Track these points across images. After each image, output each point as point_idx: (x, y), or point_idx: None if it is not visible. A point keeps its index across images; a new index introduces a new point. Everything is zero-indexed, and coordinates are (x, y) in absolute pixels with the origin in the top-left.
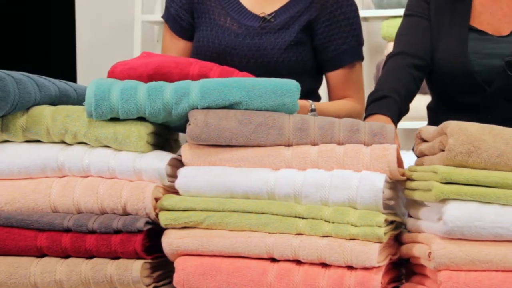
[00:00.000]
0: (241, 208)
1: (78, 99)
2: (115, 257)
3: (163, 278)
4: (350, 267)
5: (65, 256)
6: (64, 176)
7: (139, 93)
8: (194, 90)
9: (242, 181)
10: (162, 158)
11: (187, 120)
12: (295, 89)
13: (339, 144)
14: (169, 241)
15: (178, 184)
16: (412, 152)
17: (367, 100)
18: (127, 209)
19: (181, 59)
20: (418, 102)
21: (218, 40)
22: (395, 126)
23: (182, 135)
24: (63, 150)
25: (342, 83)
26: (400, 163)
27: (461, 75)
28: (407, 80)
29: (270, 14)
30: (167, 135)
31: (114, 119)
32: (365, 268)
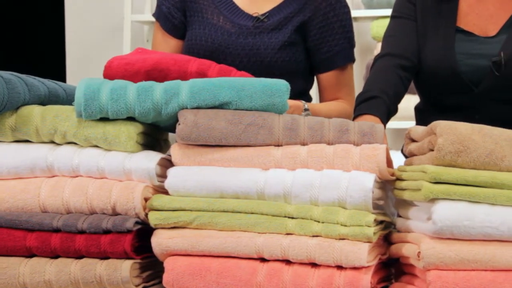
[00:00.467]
0: (231, 208)
1: (67, 99)
2: (104, 257)
3: (152, 278)
4: (339, 267)
5: (54, 256)
6: (53, 176)
7: (129, 93)
8: (183, 90)
9: (232, 181)
10: (152, 158)
11: (176, 120)
12: (285, 89)
13: (328, 144)
14: (159, 241)
15: (167, 184)
16: (401, 153)
17: (356, 101)
18: (117, 209)
19: (179, 56)
20: (407, 102)
21: (211, 39)
22: (384, 126)
23: (172, 135)
24: (52, 150)
25: (334, 84)
26: (389, 163)
27: (448, 76)
28: (395, 81)
29: (263, 14)
30: (157, 135)
31: (104, 119)
32: (355, 268)
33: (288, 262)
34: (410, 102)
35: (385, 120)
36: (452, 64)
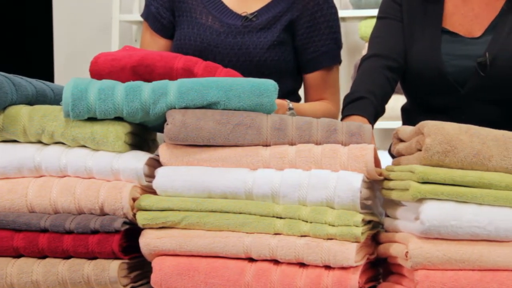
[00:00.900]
0: (219, 208)
1: (55, 98)
2: (92, 257)
3: (140, 278)
4: (327, 267)
5: (42, 256)
6: (41, 176)
7: (117, 93)
8: (171, 90)
9: (220, 181)
10: (140, 158)
11: (165, 120)
12: (273, 89)
13: (316, 144)
14: (147, 241)
15: (155, 184)
16: (388, 153)
17: (343, 102)
18: (105, 209)
19: (166, 52)
20: (394, 102)
21: (200, 38)
22: (372, 126)
23: (160, 135)
24: (40, 150)
25: (319, 85)
26: (377, 163)
27: (435, 77)
28: (382, 81)
29: (252, 14)
30: (145, 135)
31: (92, 119)
32: (343, 268)
33: (276, 262)
34: (398, 102)
35: (372, 120)
36: (438, 65)
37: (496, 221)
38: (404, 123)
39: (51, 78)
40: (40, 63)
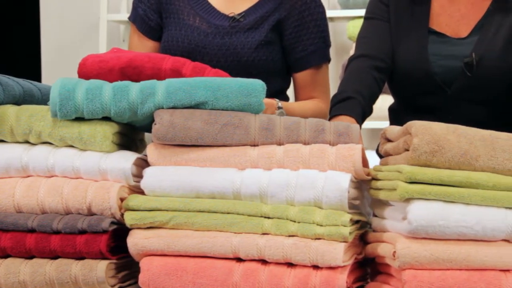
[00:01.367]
0: (207, 208)
1: (42, 98)
2: (80, 257)
3: (128, 278)
4: (315, 267)
5: (29, 256)
6: (28, 176)
7: (104, 93)
8: (159, 90)
9: (208, 181)
10: (128, 158)
11: (152, 120)
12: (261, 89)
13: (304, 144)
14: (135, 241)
15: (143, 184)
16: (376, 153)
17: (331, 102)
18: (92, 209)
19: (154, 54)
20: (382, 102)
21: (187, 40)
22: (359, 126)
23: (148, 134)
24: (27, 150)
25: (309, 84)
26: (365, 162)
27: (422, 77)
28: (369, 81)
29: (239, 14)
30: (133, 135)
31: (79, 119)
32: (331, 268)
33: (264, 262)
34: (385, 102)
35: (360, 120)
36: (425, 65)
37: (483, 221)
38: (392, 123)
39: (38, 78)
40: (28, 62)
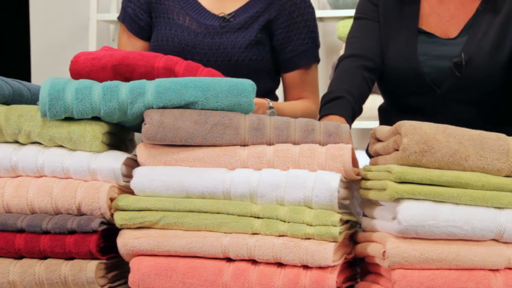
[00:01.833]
0: (197, 208)
1: (32, 98)
2: (69, 257)
3: (118, 278)
4: (305, 267)
5: (19, 257)
6: (17, 176)
7: (94, 93)
8: (149, 90)
9: (198, 181)
10: (117, 158)
11: (142, 120)
12: (251, 88)
13: (294, 143)
14: (124, 241)
15: (133, 184)
16: (366, 152)
17: (321, 102)
18: (82, 209)
19: (146, 52)
20: (372, 102)
21: (177, 39)
22: (349, 126)
23: (138, 134)
24: (16, 150)
25: (298, 84)
26: (355, 162)
27: (411, 77)
28: (359, 81)
29: (229, 14)
30: (123, 134)
31: (69, 119)
32: (320, 268)
33: (254, 262)
34: (375, 102)
35: (350, 120)
36: (414, 65)
37: (472, 220)
38: (381, 123)
39: (28, 78)
40: (17, 62)
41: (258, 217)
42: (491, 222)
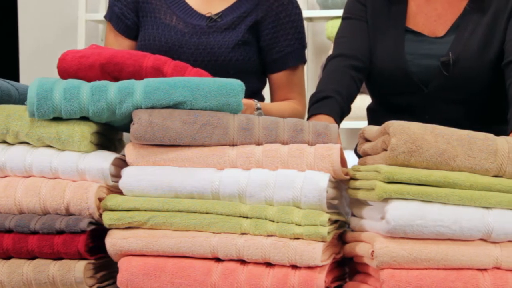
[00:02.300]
0: (186, 208)
1: (20, 98)
2: (58, 258)
3: (106, 278)
4: (294, 266)
5: (7, 257)
6: (5, 176)
7: (82, 93)
8: (138, 90)
9: (187, 181)
10: (106, 158)
11: (131, 120)
12: (240, 88)
13: (283, 143)
14: (113, 242)
15: (122, 184)
16: (354, 152)
17: (309, 101)
18: (70, 209)
19: (135, 51)
20: (361, 102)
21: (164, 39)
22: (338, 126)
23: (126, 134)
24: (4, 150)
25: (285, 85)
26: (343, 162)
27: (399, 76)
28: (347, 81)
29: (216, 14)
30: (111, 134)
31: (57, 119)
32: (309, 267)
33: (243, 262)
34: (364, 102)
35: (338, 120)
36: (402, 64)
37: (460, 220)
38: (370, 122)
39: (16, 78)
40: (5, 62)
41: (247, 217)
42: (479, 221)
